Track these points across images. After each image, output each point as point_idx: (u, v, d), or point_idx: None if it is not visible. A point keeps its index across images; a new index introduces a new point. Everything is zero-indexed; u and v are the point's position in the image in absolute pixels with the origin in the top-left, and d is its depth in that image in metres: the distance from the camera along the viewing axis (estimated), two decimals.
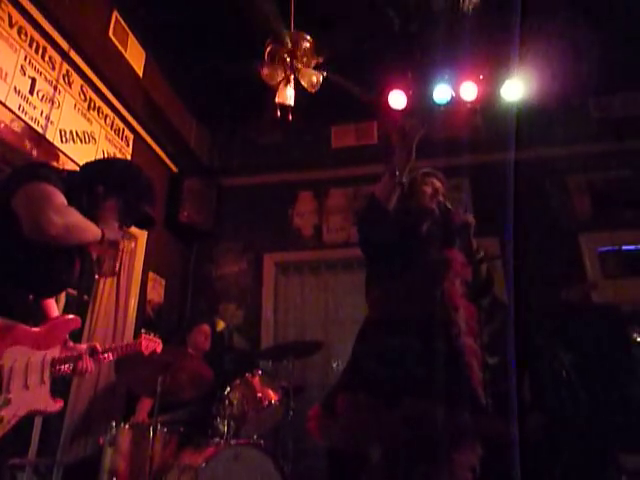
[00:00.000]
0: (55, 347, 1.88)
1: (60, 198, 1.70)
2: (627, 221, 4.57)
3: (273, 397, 3.17)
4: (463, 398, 1.82)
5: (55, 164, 3.33)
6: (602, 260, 4.51)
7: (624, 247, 4.52)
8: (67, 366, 1.91)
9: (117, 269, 2.00)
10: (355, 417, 1.91)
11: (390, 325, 2.00)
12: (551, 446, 3.51)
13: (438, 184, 2.35)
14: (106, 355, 2.10)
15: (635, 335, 4.03)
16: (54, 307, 2.05)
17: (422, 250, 2.12)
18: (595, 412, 3.52)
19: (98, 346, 2.05)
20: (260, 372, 3.30)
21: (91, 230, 1.80)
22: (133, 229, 4.23)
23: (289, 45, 3.38)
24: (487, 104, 4.65)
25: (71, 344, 2.00)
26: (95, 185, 1.92)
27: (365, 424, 1.88)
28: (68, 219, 1.68)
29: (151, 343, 2.38)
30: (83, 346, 2.01)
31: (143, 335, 2.36)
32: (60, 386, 1.94)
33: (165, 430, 2.92)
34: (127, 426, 2.92)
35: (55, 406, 1.85)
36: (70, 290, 3.55)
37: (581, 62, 4.27)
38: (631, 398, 3.80)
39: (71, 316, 2.00)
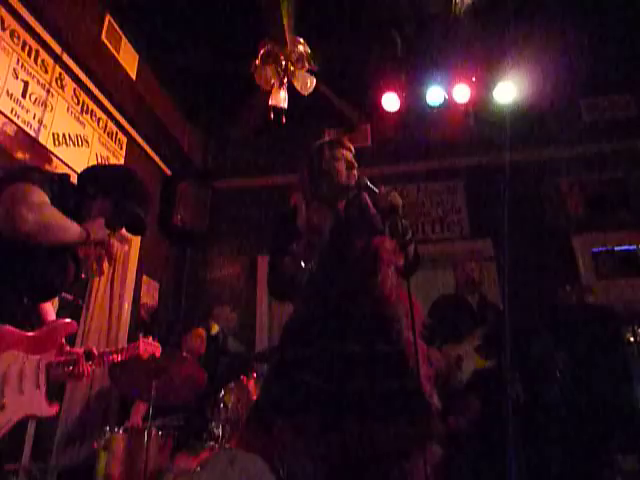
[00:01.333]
0: (50, 351, 1.87)
1: (39, 197, 1.68)
2: (620, 222, 4.61)
3: None
4: (411, 400, 1.65)
5: (48, 167, 3.31)
6: (595, 261, 4.54)
7: (617, 248, 4.55)
8: (63, 370, 1.90)
9: (104, 269, 1.96)
10: (292, 443, 1.73)
11: (321, 325, 1.77)
12: (546, 445, 3.52)
13: (349, 155, 2.01)
14: (105, 359, 2.09)
15: (628, 335, 4.06)
16: (51, 311, 2.04)
17: (346, 239, 1.89)
18: (589, 412, 3.53)
19: (95, 350, 2.03)
20: (255, 375, 3.29)
21: (72, 230, 1.76)
22: (127, 232, 4.23)
23: (283, 48, 3.39)
24: (480, 106, 4.68)
25: (68, 348, 1.99)
26: (85, 186, 1.93)
27: (303, 449, 1.72)
28: (42, 217, 1.65)
29: (150, 347, 2.37)
30: (80, 350, 1.99)
31: (142, 339, 2.34)
32: (54, 390, 1.93)
33: (160, 434, 2.90)
34: (121, 430, 2.90)
35: (51, 410, 1.84)
36: (66, 294, 3.54)
37: (572, 64, 4.30)
38: (625, 398, 3.82)
39: (67, 320, 1.98)
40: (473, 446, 3.21)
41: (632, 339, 4.05)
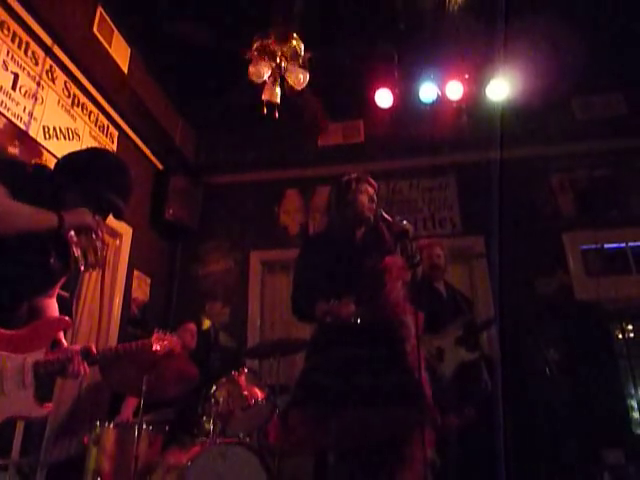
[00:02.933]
0: (39, 349, 1.78)
1: None
2: (610, 220, 4.64)
3: (259, 395, 3.16)
4: (411, 398, 1.96)
5: (38, 161, 3.29)
6: (585, 258, 4.57)
7: (606, 245, 4.59)
8: (55, 369, 1.79)
9: (99, 260, 1.82)
10: (303, 431, 2.09)
11: (336, 333, 2.15)
12: (534, 440, 3.56)
13: (371, 190, 2.43)
14: (115, 355, 2.01)
15: (616, 332, 4.10)
16: (53, 308, 1.96)
17: (360, 257, 2.26)
18: (577, 408, 3.57)
19: (93, 348, 1.89)
20: (246, 370, 3.29)
21: (36, 217, 1.67)
22: (118, 226, 4.22)
23: (276, 43, 3.38)
24: (472, 103, 4.69)
25: (65, 346, 1.89)
26: (58, 174, 1.86)
27: (313, 436, 2.06)
28: None
29: (165, 343, 2.29)
30: (76, 347, 1.88)
31: (156, 335, 2.26)
32: (44, 386, 1.83)
33: (150, 429, 2.90)
34: (112, 425, 2.90)
35: (40, 411, 1.76)
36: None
37: (565, 62, 4.31)
38: (612, 394, 3.87)
39: (58, 316, 1.92)
40: (461, 442, 3.22)
41: (620, 336, 4.10)
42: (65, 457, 3.43)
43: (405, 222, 2.20)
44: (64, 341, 1.92)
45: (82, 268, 1.75)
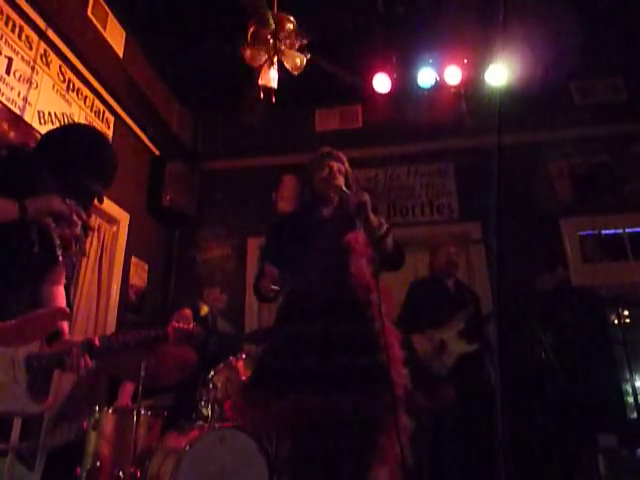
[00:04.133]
0: (33, 342, 1.68)
1: None
2: (607, 206, 4.64)
3: None
4: (374, 380, 1.84)
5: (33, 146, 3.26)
6: (582, 244, 4.58)
7: (604, 231, 4.59)
8: (51, 362, 1.70)
9: (83, 249, 1.77)
10: (252, 414, 2.01)
11: (296, 312, 2.05)
12: (529, 424, 3.59)
13: (336, 165, 2.27)
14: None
15: (613, 317, 4.12)
16: (60, 298, 1.88)
17: (320, 236, 2.14)
18: (572, 393, 3.60)
19: (96, 340, 1.79)
20: (244, 356, 3.30)
21: None
22: (115, 213, 4.20)
23: (273, 26, 3.33)
24: (471, 88, 4.66)
25: (66, 338, 1.79)
26: (34, 157, 1.75)
27: (262, 419, 1.96)
28: None
29: (182, 334, 2.15)
30: (77, 340, 1.79)
31: (173, 323, 2.14)
32: (41, 380, 1.71)
33: (149, 414, 2.92)
34: (110, 410, 2.92)
35: (35, 407, 1.67)
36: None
37: (563, 47, 4.28)
38: (607, 379, 3.90)
39: (57, 307, 1.83)
40: (458, 428, 3.26)
41: (616, 321, 4.12)
42: (64, 442, 3.45)
43: (364, 193, 2.07)
44: (66, 333, 1.83)
45: (60, 257, 1.66)
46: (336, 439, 1.88)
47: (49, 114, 3.48)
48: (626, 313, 4.30)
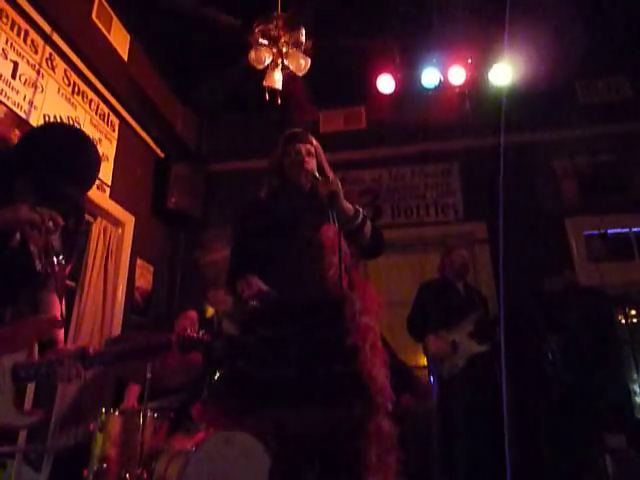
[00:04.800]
0: (20, 351, 1.58)
1: None
2: (613, 205, 4.61)
3: None
4: (358, 385, 1.70)
5: None
6: (588, 243, 4.56)
7: (610, 231, 4.57)
8: (40, 372, 1.59)
9: (70, 256, 1.63)
10: (220, 423, 1.94)
11: (271, 314, 1.86)
12: (537, 425, 3.58)
13: (306, 147, 2.07)
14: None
15: (620, 317, 4.10)
16: (50, 306, 1.78)
17: (291, 230, 1.96)
18: (580, 393, 3.58)
19: (90, 349, 1.68)
20: None
21: None
22: (121, 215, 4.22)
23: (277, 28, 3.34)
24: (475, 88, 4.65)
25: (60, 347, 1.70)
26: (12, 159, 1.64)
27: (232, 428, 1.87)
28: None
29: (189, 343, 1.99)
30: (71, 348, 1.70)
31: (180, 330, 1.99)
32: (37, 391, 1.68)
33: (155, 416, 2.92)
34: (117, 412, 2.92)
35: (23, 419, 1.57)
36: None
37: (568, 46, 4.26)
38: (615, 379, 3.87)
39: (48, 316, 1.73)
40: (466, 427, 3.26)
41: (623, 321, 4.10)
42: (71, 444, 3.46)
43: (334, 180, 1.91)
44: (61, 341, 1.74)
45: (38, 266, 1.56)
46: (318, 453, 1.77)
47: (54, 117, 3.50)
48: (633, 312, 4.28)
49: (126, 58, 4.32)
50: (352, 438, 1.71)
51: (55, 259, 1.55)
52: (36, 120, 3.30)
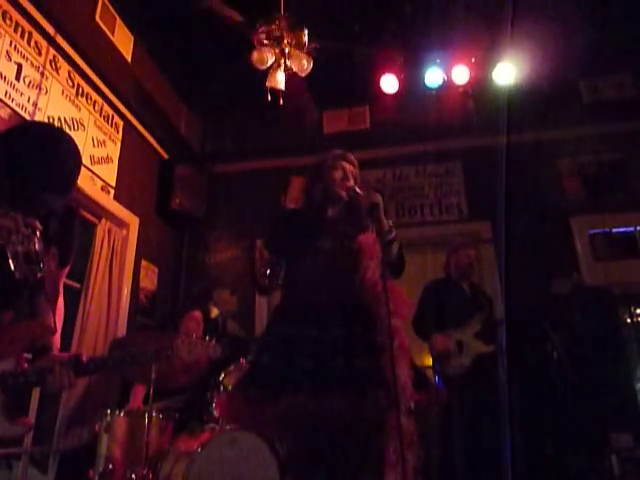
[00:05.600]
0: (7, 359, 1.53)
1: None
2: (618, 204, 4.60)
3: None
4: (382, 381, 1.76)
5: None
6: (593, 242, 4.54)
7: (615, 229, 4.55)
8: (30, 380, 1.54)
9: (41, 267, 1.53)
10: (244, 413, 1.95)
11: (296, 313, 2.00)
12: (542, 424, 3.57)
13: (348, 167, 2.26)
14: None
15: (625, 316, 4.08)
16: (47, 312, 1.72)
17: (328, 236, 2.10)
18: (586, 392, 3.57)
19: (84, 357, 1.62)
20: None
21: None
22: (125, 216, 4.23)
23: (280, 29, 3.34)
24: (479, 87, 4.64)
25: (54, 354, 1.63)
26: None
27: (254, 420, 1.91)
28: None
29: (192, 348, 1.86)
30: (64, 356, 1.62)
31: (181, 339, 1.85)
32: (17, 399, 1.54)
33: (161, 417, 2.93)
34: (122, 413, 2.93)
35: (12, 429, 1.51)
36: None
37: (572, 44, 4.25)
38: (621, 379, 3.86)
39: (39, 323, 1.67)
40: (470, 426, 3.25)
41: (629, 320, 4.08)
42: (77, 445, 3.47)
43: (377, 194, 2.04)
44: (56, 349, 1.68)
45: (17, 275, 1.49)
46: (338, 444, 1.83)
47: (59, 119, 3.51)
48: (639, 311, 4.26)
49: (130, 59, 4.33)
50: (372, 433, 1.80)
51: (41, 265, 1.50)
52: None
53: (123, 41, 4.24)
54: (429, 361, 3.81)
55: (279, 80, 3.52)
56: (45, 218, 1.57)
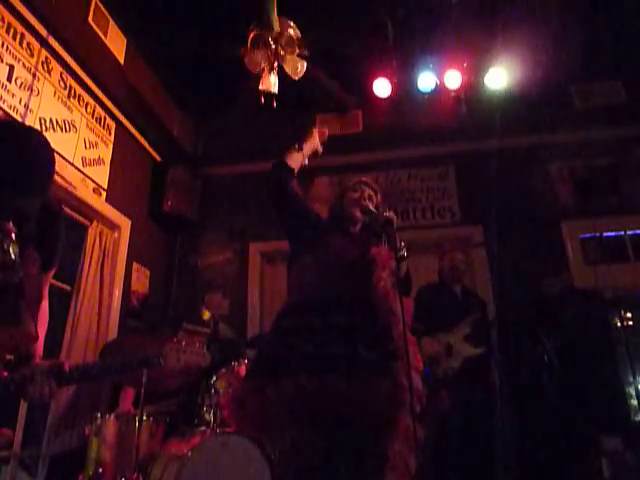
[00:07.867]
0: None
1: None
2: (608, 208, 4.64)
3: None
4: (385, 373, 1.86)
5: None
6: (584, 247, 4.57)
7: (605, 234, 4.58)
8: (8, 390, 1.46)
9: (18, 270, 1.44)
10: (250, 401, 1.94)
11: (307, 307, 2.07)
12: (533, 427, 3.58)
13: (368, 191, 2.43)
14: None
15: (615, 320, 4.10)
16: (29, 319, 1.62)
17: (340, 249, 2.20)
18: (576, 395, 3.59)
19: (66, 365, 1.54)
20: (246, 361, 3.30)
21: None
22: (117, 219, 4.21)
23: (275, 30, 3.34)
24: (471, 92, 4.67)
25: (36, 362, 1.55)
26: None
27: (260, 406, 1.90)
28: None
29: (182, 355, 1.80)
30: (45, 364, 1.54)
31: (171, 344, 1.79)
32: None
33: (151, 420, 2.91)
34: (112, 416, 2.91)
35: None
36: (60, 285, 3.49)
37: (563, 50, 4.29)
38: (611, 382, 3.88)
39: (18, 330, 1.57)
40: (461, 429, 3.26)
41: (619, 324, 4.10)
42: (67, 448, 3.45)
43: (390, 212, 2.20)
44: (38, 356, 1.60)
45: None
46: (339, 440, 1.83)
47: (50, 121, 3.49)
48: (629, 315, 4.28)
49: (123, 61, 4.32)
50: (378, 431, 1.83)
51: (18, 271, 1.43)
52: (32, 124, 3.29)
53: (116, 43, 4.23)
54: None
55: (272, 83, 3.52)
56: (20, 221, 1.46)
